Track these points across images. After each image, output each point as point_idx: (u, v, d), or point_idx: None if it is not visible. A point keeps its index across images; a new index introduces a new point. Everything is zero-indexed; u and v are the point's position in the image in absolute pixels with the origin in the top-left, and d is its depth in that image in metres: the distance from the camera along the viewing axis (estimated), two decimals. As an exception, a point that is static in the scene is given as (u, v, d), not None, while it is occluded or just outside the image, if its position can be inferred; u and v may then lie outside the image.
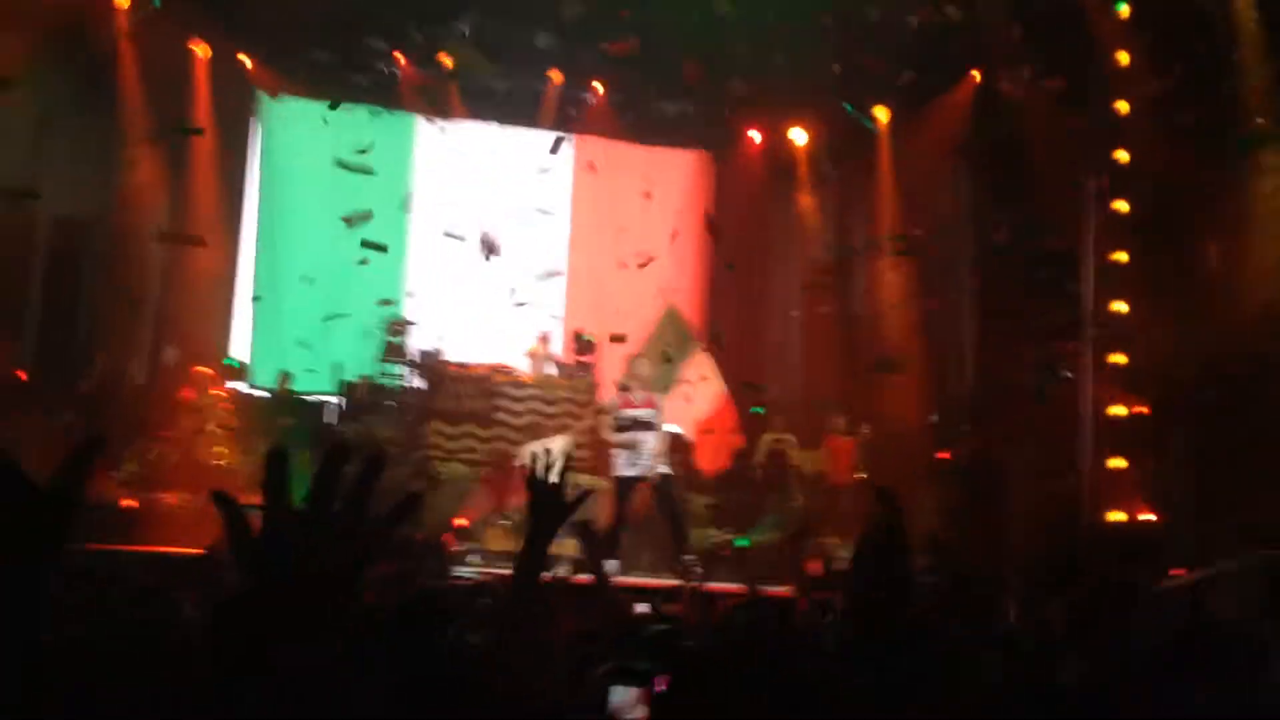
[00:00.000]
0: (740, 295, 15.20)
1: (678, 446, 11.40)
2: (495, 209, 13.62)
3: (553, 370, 13.40)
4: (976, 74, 12.89)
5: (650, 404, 9.46)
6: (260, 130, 14.24)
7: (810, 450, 13.11)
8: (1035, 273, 12.34)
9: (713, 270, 15.37)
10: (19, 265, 11.98)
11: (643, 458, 9.16)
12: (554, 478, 2.41)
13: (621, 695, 3.37)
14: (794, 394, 14.59)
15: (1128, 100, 11.34)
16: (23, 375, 11.12)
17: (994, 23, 11.89)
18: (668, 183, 14.73)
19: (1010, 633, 3.60)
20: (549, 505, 2.35)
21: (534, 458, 2.51)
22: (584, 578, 4.20)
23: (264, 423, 11.79)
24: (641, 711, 3.22)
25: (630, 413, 9.36)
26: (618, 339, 12.90)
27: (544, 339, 13.47)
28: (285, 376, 12.85)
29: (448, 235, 12.64)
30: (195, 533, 8.42)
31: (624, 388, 9.70)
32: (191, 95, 12.93)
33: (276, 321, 13.79)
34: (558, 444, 11.11)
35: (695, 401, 12.67)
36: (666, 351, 13.02)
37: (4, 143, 11.45)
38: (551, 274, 12.45)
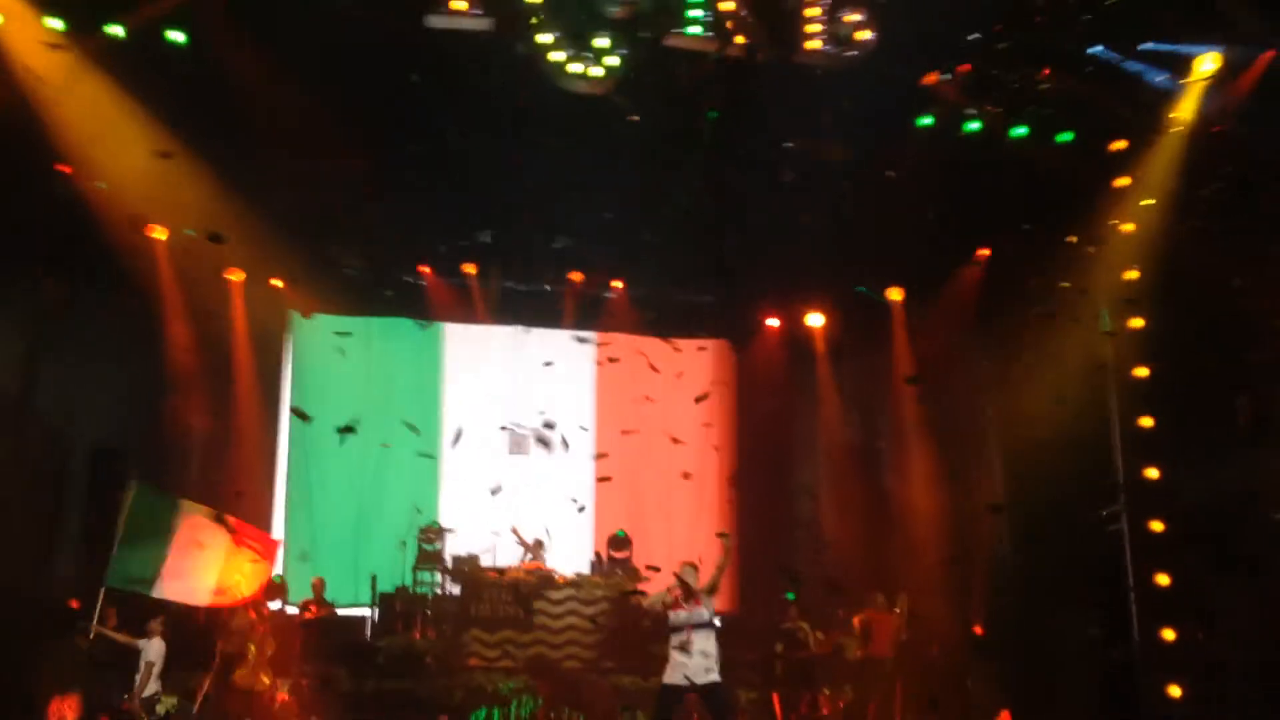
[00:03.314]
0: (767, 480, 15.19)
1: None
2: (524, 410, 13.83)
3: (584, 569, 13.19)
4: (985, 251, 13.14)
5: (698, 602, 8.46)
6: (292, 348, 14.50)
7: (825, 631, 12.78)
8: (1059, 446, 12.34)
9: (739, 457, 15.41)
10: (56, 494, 12.00)
11: (699, 662, 8.31)
12: None
13: None
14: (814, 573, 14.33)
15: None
16: (75, 604, 10.96)
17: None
18: (691, 374, 14.79)
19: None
20: None
21: None
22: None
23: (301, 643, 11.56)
24: None
25: (683, 614, 8.45)
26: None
27: (536, 544, 13.19)
28: (320, 585, 12.65)
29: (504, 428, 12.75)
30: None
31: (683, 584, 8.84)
32: (229, 321, 13.24)
33: (311, 535, 13.77)
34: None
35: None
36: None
37: (46, 375, 11.65)
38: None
